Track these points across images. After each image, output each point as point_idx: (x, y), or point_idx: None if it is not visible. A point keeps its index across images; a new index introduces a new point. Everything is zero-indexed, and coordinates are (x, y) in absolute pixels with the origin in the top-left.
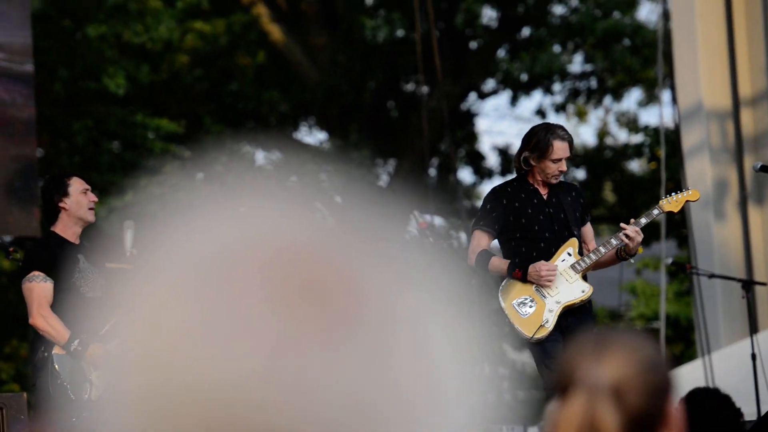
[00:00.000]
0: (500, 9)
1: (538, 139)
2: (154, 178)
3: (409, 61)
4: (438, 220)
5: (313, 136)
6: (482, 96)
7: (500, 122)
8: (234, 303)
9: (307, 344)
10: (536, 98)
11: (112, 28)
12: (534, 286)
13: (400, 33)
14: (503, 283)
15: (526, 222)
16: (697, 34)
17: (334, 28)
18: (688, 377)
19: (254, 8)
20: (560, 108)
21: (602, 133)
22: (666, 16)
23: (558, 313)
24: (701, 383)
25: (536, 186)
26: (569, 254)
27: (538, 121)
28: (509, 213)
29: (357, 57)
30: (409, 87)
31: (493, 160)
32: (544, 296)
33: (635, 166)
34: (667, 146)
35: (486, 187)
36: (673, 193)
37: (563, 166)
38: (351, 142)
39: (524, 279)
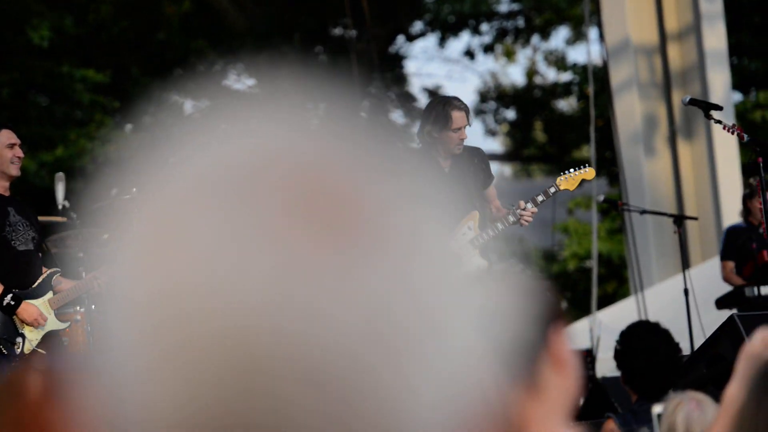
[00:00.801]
0: None
1: (437, 112)
2: (83, 131)
3: (337, 5)
4: None
5: (242, 83)
6: (410, 38)
7: (429, 64)
8: (251, 222)
9: (327, 263)
10: (464, 39)
11: None
12: None
13: None
14: None
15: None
16: None
17: None
18: (622, 314)
19: None
20: (488, 48)
21: (531, 73)
22: None
23: None
24: (635, 319)
25: (438, 159)
26: (469, 228)
27: (466, 61)
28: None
29: (284, 2)
30: (337, 31)
31: (423, 102)
32: None
33: (565, 104)
34: (595, 83)
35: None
36: (569, 171)
37: (464, 134)
38: (281, 88)
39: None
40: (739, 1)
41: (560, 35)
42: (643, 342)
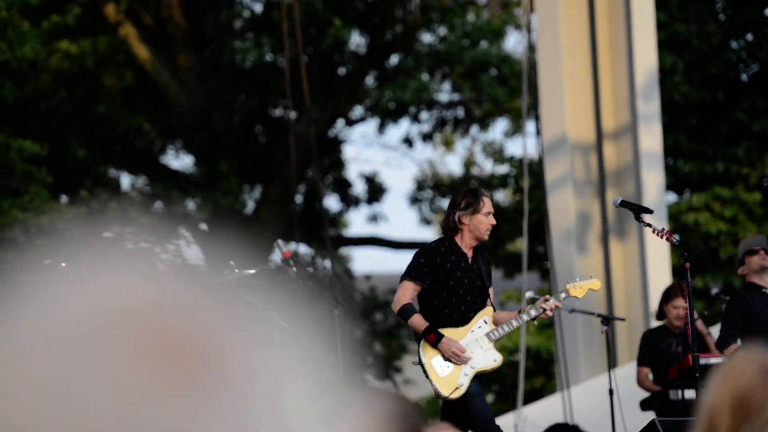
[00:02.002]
0: (369, 36)
1: (467, 198)
2: (16, 201)
3: (278, 86)
4: (303, 248)
5: (180, 160)
6: (350, 123)
7: (368, 149)
8: (96, 362)
9: (170, 403)
10: (404, 126)
11: None
12: None
13: (269, 57)
14: (423, 340)
15: (453, 284)
16: (563, 67)
17: (202, 51)
18: (548, 411)
19: (121, 28)
20: (427, 137)
21: (468, 163)
22: (532, 47)
23: (471, 377)
24: (560, 417)
25: (464, 250)
26: (485, 322)
27: (405, 148)
28: (440, 272)
29: (225, 81)
30: (278, 112)
31: (359, 188)
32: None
33: (500, 196)
34: (531, 178)
35: (352, 215)
36: (577, 279)
37: (493, 220)
38: (218, 168)
39: (435, 345)
40: (676, 103)
41: (499, 127)
42: None
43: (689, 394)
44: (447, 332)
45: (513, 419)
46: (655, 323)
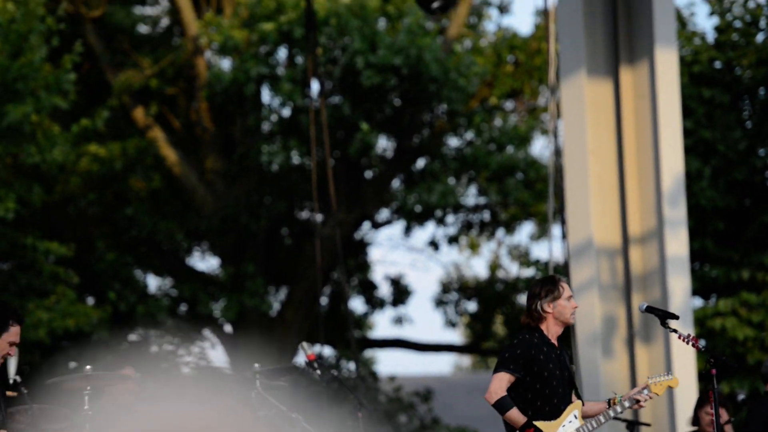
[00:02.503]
0: (396, 140)
1: (546, 285)
2: (42, 302)
3: (305, 189)
4: (328, 350)
5: (206, 261)
6: (376, 225)
7: (393, 252)
8: None
9: None
10: (429, 229)
11: (6, 148)
12: None
13: (296, 160)
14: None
15: (547, 375)
16: (589, 171)
17: (230, 154)
18: None
19: (150, 132)
20: (453, 240)
21: (494, 266)
22: (558, 152)
23: None
24: None
25: (552, 339)
26: (575, 416)
27: (431, 251)
28: (535, 363)
29: (253, 184)
30: (304, 215)
31: (385, 290)
32: None
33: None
34: None
35: (377, 317)
36: (659, 376)
37: (575, 303)
38: (244, 270)
39: None
40: (702, 208)
41: (525, 231)
42: None
43: None
44: (540, 425)
45: None
46: (687, 429)
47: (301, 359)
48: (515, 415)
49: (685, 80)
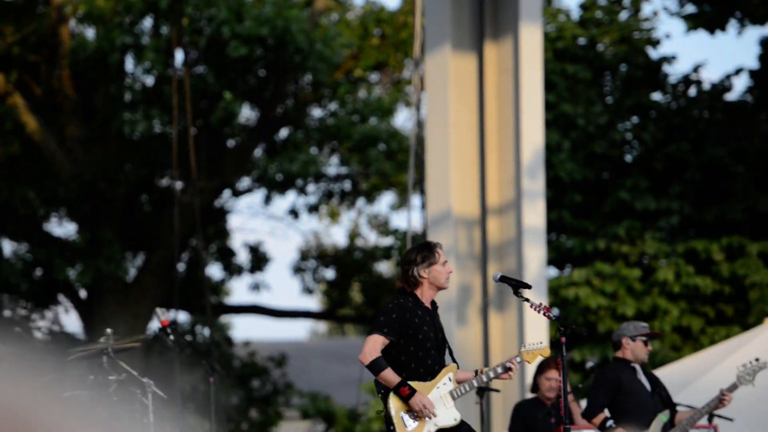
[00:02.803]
0: (259, 109)
1: (422, 252)
2: None
3: (166, 157)
4: (183, 316)
5: (63, 227)
6: (237, 193)
7: (253, 220)
8: None
9: None
10: (290, 198)
11: None
12: None
13: (158, 129)
14: (392, 393)
15: (422, 338)
16: (450, 143)
17: (90, 121)
18: None
19: (10, 98)
20: (313, 208)
21: (353, 235)
22: (420, 124)
23: None
24: None
25: (426, 303)
26: (449, 379)
27: (291, 220)
28: (410, 327)
29: (113, 151)
30: (164, 182)
31: (243, 257)
32: (426, 416)
33: (384, 267)
34: None
35: (235, 284)
36: (530, 345)
37: (450, 268)
38: (101, 236)
39: (407, 399)
40: (561, 180)
41: (385, 200)
42: None
43: None
44: (415, 386)
45: None
46: (529, 395)
47: (155, 325)
48: (389, 375)
49: (549, 56)
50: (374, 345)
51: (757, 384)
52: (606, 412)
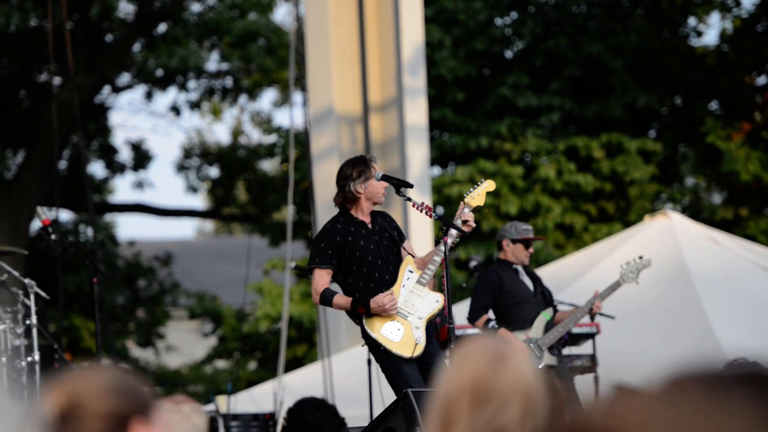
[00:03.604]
0: (137, 3)
1: (357, 167)
2: None
3: (43, 52)
4: (65, 215)
5: None
6: (116, 90)
7: (134, 117)
8: None
9: None
10: (171, 94)
11: None
12: None
13: (33, 22)
14: (364, 317)
15: (360, 255)
16: (330, 40)
17: None
18: (309, 379)
19: None
20: (195, 105)
21: (236, 132)
22: (300, 19)
23: (424, 327)
24: (320, 385)
25: (362, 218)
26: (411, 271)
27: (173, 117)
28: (344, 248)
29: None
30: (42, 78)
31: (125, 155)
32: (406, 316)
33: (267, 165)
34: (298, 148)
35: (118, 182)
36: (472, 190)
37: (384, 182)
38: None
39: (369, 314)
40: (443, 78)
41: (267, 97)
42: (308, 419)
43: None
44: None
45: (273, 387)
46: None
47: (37, 224)
48: (340, 300)
49: None
50: (317, 281)
51: (640, 281)
52: (490, 314)
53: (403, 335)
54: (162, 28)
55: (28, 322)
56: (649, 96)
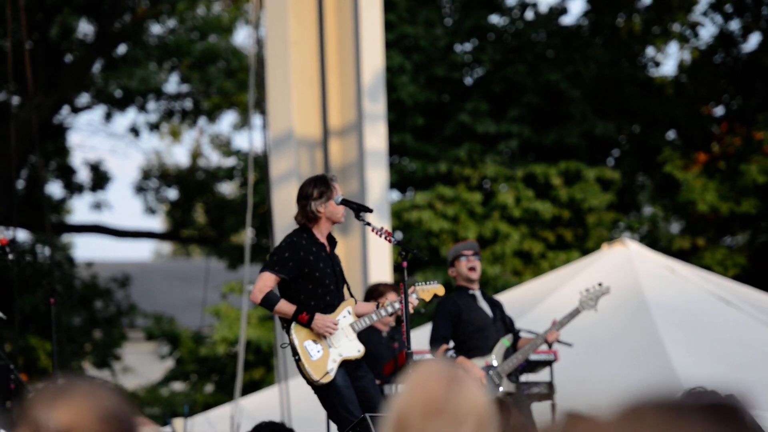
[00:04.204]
0: (97, 24)
1: (319, 188)
2: None
3: (1, 70)
4: (22, 234)
5: None
6: (75, 110)
7: (93, 137)
8: None
9: None
10: (130, 116)
11: None
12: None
13: None
14: (294, 323)
15: (319, 275)
16: (290, 63)
17: None
18: (266, 402)
19: None
20: (154, 127)
21: (195, 154)
22: (261, 43)
23: (339, 364)
24: (277, 409)
25: (322, 239)
26: (348, 312)
27: (132, 138)
28: (305, 265)
29: None
30: (1, 96)
31: (84, 175)
32: (330, 346)
33: (226, 188)
34: (257, 171)
35: (76, 203)
36: (425, 283)
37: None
38: None
39: (308, 325)
40: (403, 103)
41: (227, 120)
42: None
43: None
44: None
45: (230, 410)
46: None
47: None
48: (284, 306)
49: None
50: (265, 282)
51: (599, 308)
52: (451, 343)
53: (320, 358)
54: (122, 49)
55: None
56: (607, 124)
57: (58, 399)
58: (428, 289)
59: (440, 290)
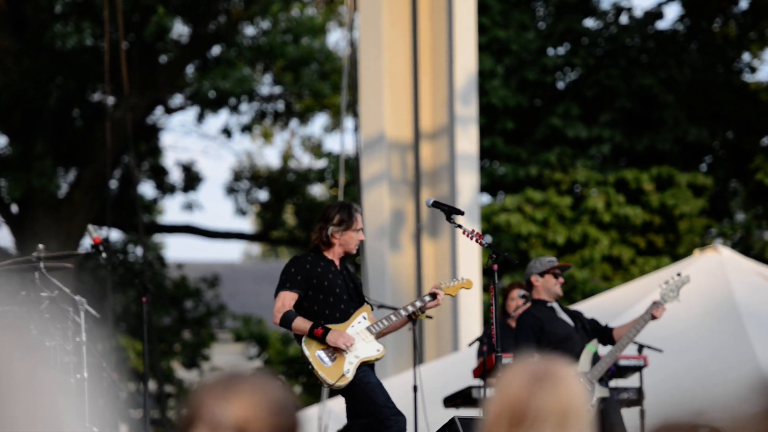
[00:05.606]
0: (192, 25)
1: (341, 214)
2: None
3: (97, 71)
4: (115, 234)
5: None
6: (169, 111)
7: (186, 138)
8: None
9: None
10: (223, 117)
11: None
12: None
13: (89, 42)
14: (306, 336)
15: (328, 285)
16: (383, 66)
17: (21, 32)
18: None
19: None
20: (246, 128)
21: (286, 156)
22: (354, 45)
23: (357, 366)
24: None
25: (332, 258)
26: (364, 318)
27: (224, 139)
28: (313, 276)
29: (44, 63)
30: (96, 96)
31: (176, 176)
32: (345, 351)
33: (317, 190)
34: (348, 174)
35: (168, 203)
36: (452, 280)
37: (362, 235)
38: (33, 149)
39: (323, 339)
40: (493, 107)
41: (319, 122)
42: None
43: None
44: (330, 327)
45: (317, 412)
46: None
47: (87, 242)
48: (300, 323)
49: None
50: (282, 302)
51: (687, 314)
52: (536, 358)
53: (334, 364)
54: (216, 50)
55: (77, 339)
56: (701, 130)
57: (231, 392)
58: (454, 285)
59: (468, 284)
